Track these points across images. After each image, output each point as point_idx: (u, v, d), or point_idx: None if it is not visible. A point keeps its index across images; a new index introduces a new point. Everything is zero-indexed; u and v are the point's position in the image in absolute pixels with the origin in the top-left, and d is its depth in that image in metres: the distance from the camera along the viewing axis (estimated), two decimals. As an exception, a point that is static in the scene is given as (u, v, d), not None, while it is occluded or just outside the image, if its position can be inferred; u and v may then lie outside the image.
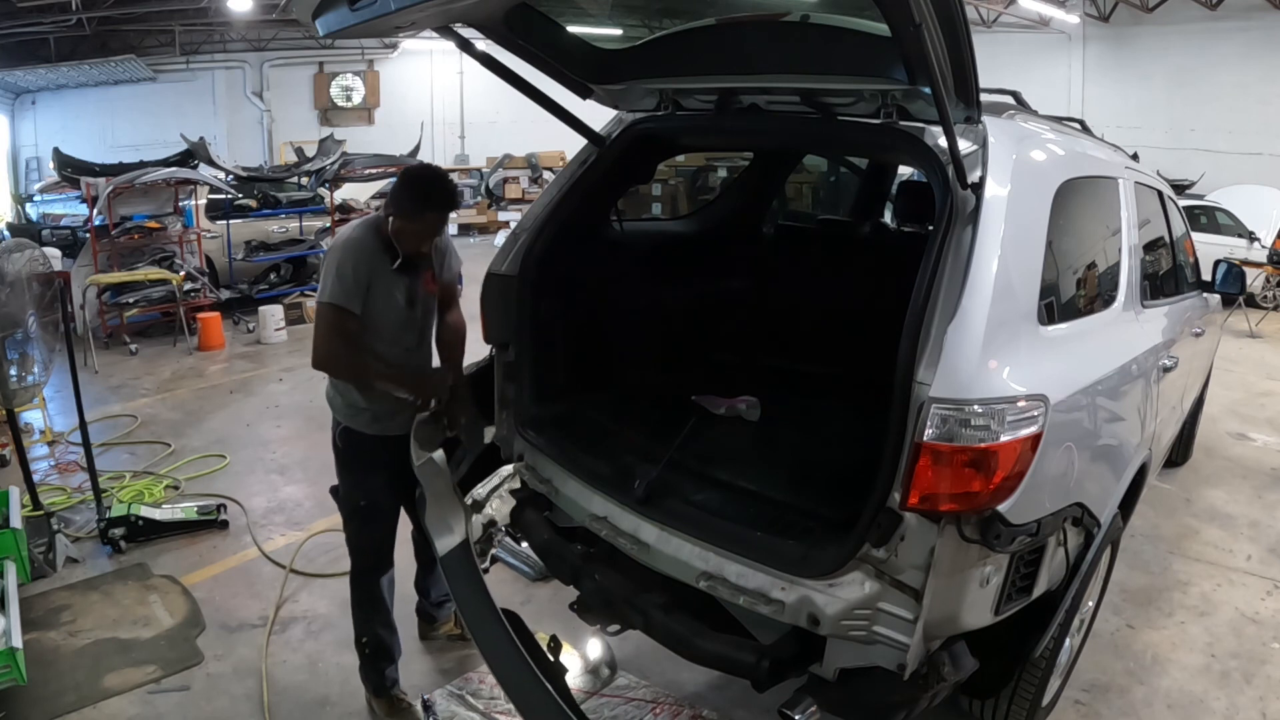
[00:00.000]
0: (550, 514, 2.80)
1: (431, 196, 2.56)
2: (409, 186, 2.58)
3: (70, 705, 2.86)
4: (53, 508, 4.21)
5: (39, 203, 11.65)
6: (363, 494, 2.77)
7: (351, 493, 2.79)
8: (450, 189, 2.62)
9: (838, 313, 3.52)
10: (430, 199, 2.55)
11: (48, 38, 13.51)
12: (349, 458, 2.77)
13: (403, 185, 2.60)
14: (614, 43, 2.76)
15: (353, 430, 2.72)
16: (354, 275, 2.50)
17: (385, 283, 2.59)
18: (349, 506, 2.81)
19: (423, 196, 2.55)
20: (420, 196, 2.55)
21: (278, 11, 12.85)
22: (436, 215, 2.58)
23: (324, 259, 2.64)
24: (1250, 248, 10.08)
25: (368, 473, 2.76)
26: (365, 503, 2.77)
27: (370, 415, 2.69)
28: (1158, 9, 13.98)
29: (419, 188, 2.58)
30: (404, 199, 2.55)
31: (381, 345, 2.63)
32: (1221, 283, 4.13)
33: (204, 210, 9.06)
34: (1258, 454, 5.51)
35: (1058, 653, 2.50)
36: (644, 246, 3.44)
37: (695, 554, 2.23)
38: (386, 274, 2.59)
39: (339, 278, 2.49)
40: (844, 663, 2.06)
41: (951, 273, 1.90)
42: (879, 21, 1.75)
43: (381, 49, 17.43)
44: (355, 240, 2.56)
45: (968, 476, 1.79)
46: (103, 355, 7.48)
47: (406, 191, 2.57)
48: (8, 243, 4.16)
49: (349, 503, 2.80)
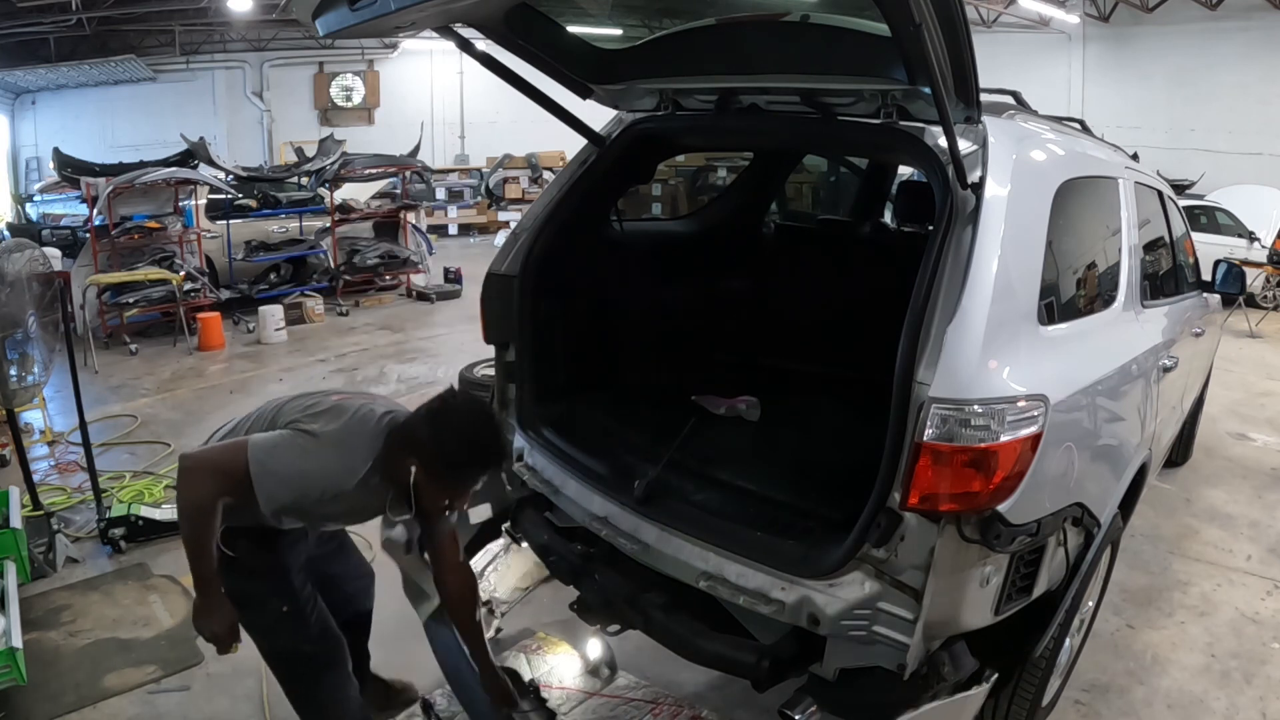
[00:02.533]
0: (550, 514, 2.80)
1: (486, 455, 2.05)
2: (457, 437, 2.00)
3: (70, 705, 2.86)
4: (53, 508, 4.21)
5: (39, 203, 11.64)
6: (279, 598, 2.23)
7: (264, 602, 2.21)
8: (503, 444, 2.13)
9: (838, 313, 3.52)
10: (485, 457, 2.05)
11: (48, 38, 13.50)
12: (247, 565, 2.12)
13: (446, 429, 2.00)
14: (614, 43, 2.76)
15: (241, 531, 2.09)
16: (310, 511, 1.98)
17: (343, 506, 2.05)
18: (266, 618, 2.22)
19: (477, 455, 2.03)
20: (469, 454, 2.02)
21: (278, 11, 12.85)
22: (483, 475, 2.09)
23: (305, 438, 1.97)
24: (1250, 248, 10.08)
25: (277, 573, 2.22)
26: (289, 607, 2.24)
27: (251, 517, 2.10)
28: (1158, 9, 13.97)
29: (470, 440, 2.02)
30: (437, 457, 1.99)
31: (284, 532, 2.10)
32: (1221, 283, 4.13)
33: (204, 210, 9.05)
34: (1258, 454, 5.51)
35: (1058, 653, 2.49)
36: (644, 246, 3.44)
37: (695, 554, 2.23)
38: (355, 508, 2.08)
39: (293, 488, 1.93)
40: (844, 663, 2.07)
41: (951, 273, 1.90)
42: (879, 21, 1.75)
43: (381, 49, 17.42)
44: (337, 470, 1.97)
45: (968, 476, 1.79)
46: (103, 355, 7.48)
47: (451, 441, 1.99)
48: (8, 243, 4.16)
49: (265, 614, 2.21)
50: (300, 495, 1.97)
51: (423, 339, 8.28)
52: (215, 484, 1.93)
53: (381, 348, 7.91)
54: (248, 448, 1.94)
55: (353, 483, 2.00)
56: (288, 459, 1.95)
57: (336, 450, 1.98)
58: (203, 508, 1.93)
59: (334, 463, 1.98)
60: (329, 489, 1.98)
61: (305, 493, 1.97)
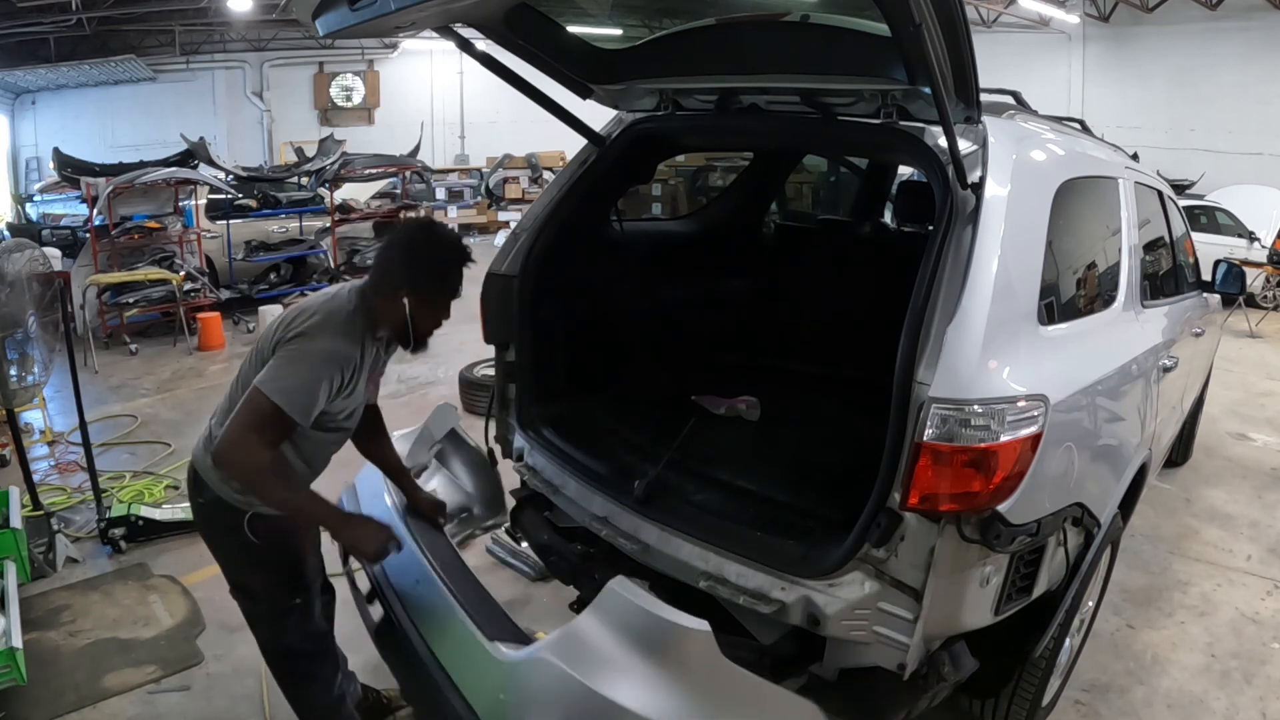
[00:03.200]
0: (550, 514, 2.80)
1: (456, 252, 2.17)
2: (425, 249, 2.14)
3: (70, 705, 2.86)
4: (53, 508, 4.21)
5: (39, 203, 11.65)
6: (293, 590, 2.26)
7: (277, 593, 2.25)
8: (461, 240, 2.25)
9: (838, 313, 3.52)
10: (457, 254, 2.17)
11: (48, 38, 13.51)
12: (267, 552, 2.18)
13: (415, 251, 2.13)
14: (614, 43, 2.76)
15: (265, 517, 2.14)
16: (324, 391, 2.01)
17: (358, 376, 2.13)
18: (276, 610, 2.27)
19: (445, 261, 2.15)
20: (441, 262, 2.14)
21: (278, 11, 12.85)
22: (460, 274, 2.19)
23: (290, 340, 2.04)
24: (1250, 248, 10.08)
25: (294, 562, 2.26)
26: (300, 599, 2.28)
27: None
28: (1158, 9, 13.98)
29: (435, 255, 2.15)
30: (419, 271, 2.11)
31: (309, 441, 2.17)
32: (1221, 283, 4.13)
33: (204, 210, 9.06)
34: (1258, 454, 5.51)
35: (1058, 653, 2.50)
36: (644, 246, 3.44)
37: (695, 554, 2.23)
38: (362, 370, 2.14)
39: (304, 387, 1.97)
40: (844, 663, 2.07)
41: (951, 273, 1.90)
42: (879, 21, 1.75)
43: (381, 49, 17.43)
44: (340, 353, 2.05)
45: (968, 476, 1.79)
46: (103, 355, 7.48)
47: (422, 262, 2.12)
48: (8, 243, 4.16)
49: (276, 606, 2.26)
50: (326, 388, 2.02)
51: (423, 339, 8.26)
52: (259, 441, 1.95)
53: (381, 348, 7.90)
54: (259, 389, 1.96)
55: (357, 348, 2.09)
56: (297, 369, 2.00)
57: (328, 332, 2.06)
58: (264, 468, 1.96)
59: (333, 342, 2.05)
60: (344, 365, 2.05)
61: (330, 382, 2.02)
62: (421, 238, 2.17)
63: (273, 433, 1.97)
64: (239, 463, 1.96)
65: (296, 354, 2.01)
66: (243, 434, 1.95)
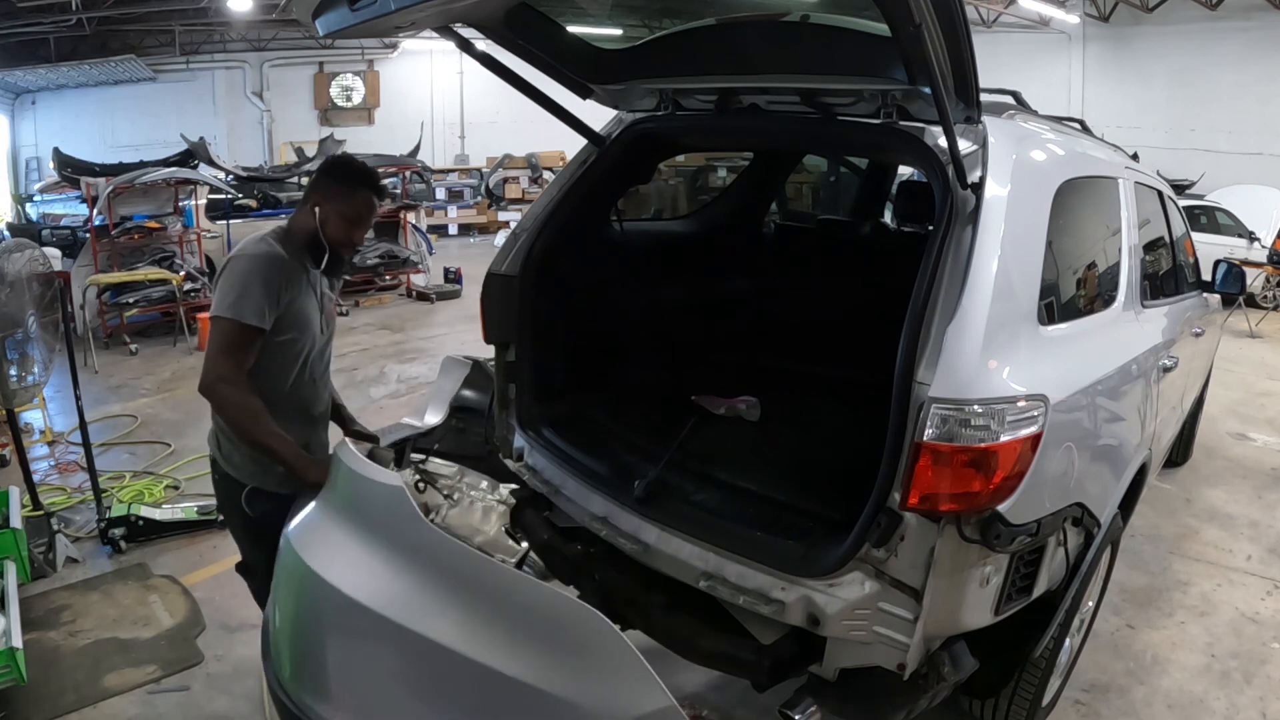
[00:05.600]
0: (550, 514, 2.80)
1: (363, 174, 2.36)
2: (335, 168, 2.39)
3: (70, 705, 2.86)
4: (53, 508, 4.21)
5: (39, 203, 11.66)
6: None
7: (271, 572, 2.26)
8: (376, 172, 2.44)
9: (838, 313, 3.52)
10: (362, 175, 2.35)
11: (48, 38, 13.51)
12: (264, 528, 2.27)
13: (327, 170, 2.40)
14: (614, 43, 2.76)
15: (264, 492, 2.29)
16: (265, 290, 2.15)
17: (301, 299, 2.28)
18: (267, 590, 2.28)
19: (354, 174, 2.35)
20: (350, 174, 2.35)
21: (278, 11, 12.83)
22: (369, 195, 2.35)
23: (220, 275, 2.22)
24: (1250, 248, 10.08)
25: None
26: None
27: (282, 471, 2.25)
28: (1158, 9, 13.98)
29: (346, 167, 2.39)
30: (331, 180, 2.33)
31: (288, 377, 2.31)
32: (1221, 283, 4.13)
33: (204, 210, 9.06)
34: (1258, 454, 5.51)
35: (1058, 653, 2.50)
36: (644, 246, 3.44)
37: (695, 554, 2.23)
38: (303, 286, 2.30)
39: (245, 292, 2.12)
40: (844, 663, 2.07)
41: (951, 273, 1.90)
42: (879, 21, 1.75)
43: (381, 49, 17.43)
44: (265, 254, 2.21)
45: (968, 476, 1.79)
46: (103, 355, 7.48)
47: (333, 173, 2.36)
48: (8, 243, 4.17)
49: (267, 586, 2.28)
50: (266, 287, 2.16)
51: (423, 339, 8.28)
52: (229, 363, 2.14)
53: (381, 348, 7.91)
54: (211, 317, 2.18)
55: (282, 254, 2.24)
56: (231, 282, 2.16)
57: (249, 250, 2.23)
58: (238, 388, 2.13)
59: (255, 252, 2.21)
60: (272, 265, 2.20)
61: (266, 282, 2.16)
62: (335, 160, 2.45)
63: (239, 349, 2.15)
64: (212, 386, 2.15)
65: (228, 275, 2.19)
66: (214, 359, 2.14)
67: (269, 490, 2.30)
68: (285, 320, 2.23)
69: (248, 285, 2.14)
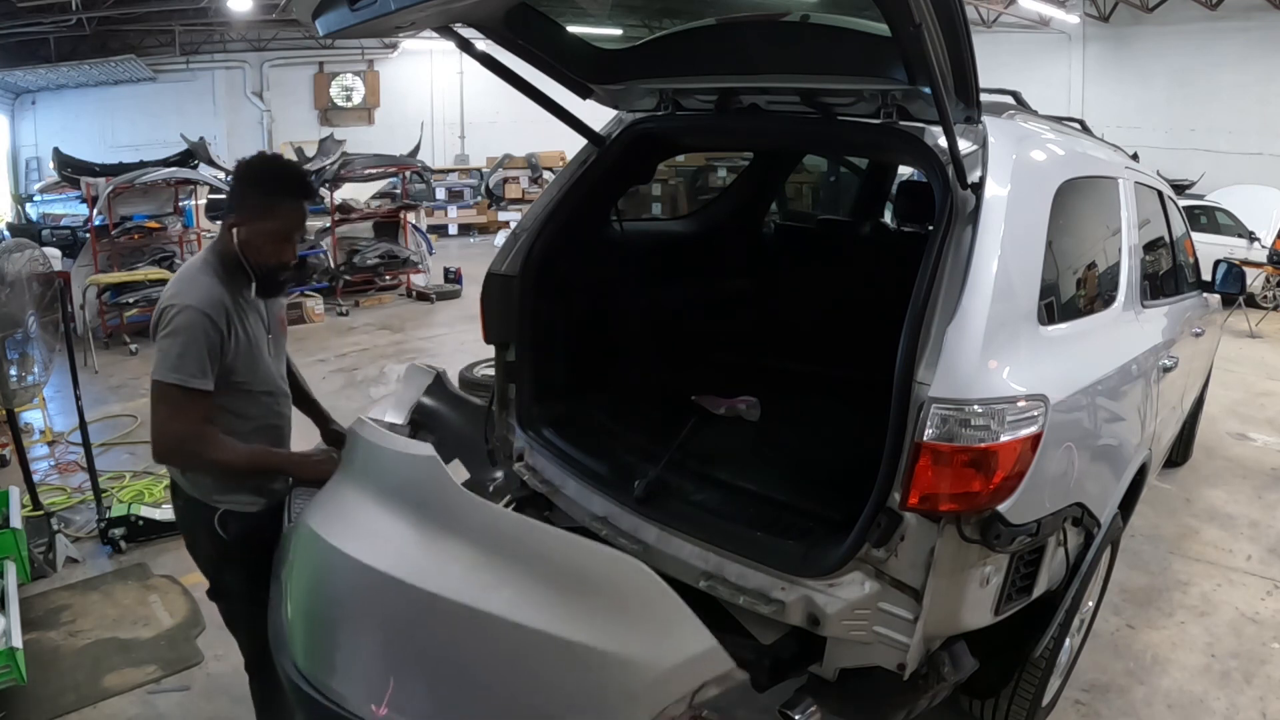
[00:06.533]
0: (550, 514, 2.80)
1: (282, 179, 2.09)
2: (250, 179, 2.09)
3: (70, 705, 2.86)
4: (53, 508, 4.21)
5: (39, 203, 11.66)
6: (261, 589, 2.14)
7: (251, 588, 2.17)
8: (300, 171, 2.20)
9: (838, 313, 3.52)
10: (282, 182, 2.09)
11: (48, 38, 13.49)
12: (237, 549, 2.17)
13: (242, 181, 2.10)
14: (614, 43, 2.76)
15: (236, 514, 2.16)
16: (207, 345, 1.98)
17: (245, 333, 2.09)
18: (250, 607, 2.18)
19: (272, 182, 2.08)
20: (268, 184, 2.07)
21: (278, 11, 12.82)
22: (294, 204, 2.09)
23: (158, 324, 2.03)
24: (1250, 248, 10.07)
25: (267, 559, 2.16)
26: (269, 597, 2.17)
27: (252, 487, 2.18)
28: (1158, 9, 13.97)
29: (264, 175, 2.10)
30: (249, 195, 2.06)
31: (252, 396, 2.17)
32: (1221, 283, 4.13)
33: (204, 210, 9.06)
34: (1258, 454, 5.51)
35: (1058, 653, 2.50)
36: (644, 246, 3.44)
37: (695, 554, 2.23)
38: (246, 315, 2.10)
39: (185, 350, 1.96)
40: (844, 663, 2.07)
41: (951, 273, 1.90)
42: (879, 21, 1.75)
43: (381, 49, 17.41)
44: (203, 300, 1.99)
45: (968, 476, 1.79)
46: (103, 355, 7.47)
47: (250, 185, 2.08)
48: (8, 243, 4.17)
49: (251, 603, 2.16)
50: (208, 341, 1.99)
51: (423, 339, 8.28)
52: (182, 426, 2.00)
53: (381, 348, 7.90)
54: (153, 382, 2.00)
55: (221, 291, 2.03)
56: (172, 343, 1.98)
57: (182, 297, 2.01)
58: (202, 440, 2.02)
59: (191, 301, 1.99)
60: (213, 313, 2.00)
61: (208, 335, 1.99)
62: (249, 165, 2.12)
63: (189, 411, 1.99)
64: (176, 451, 2.05)
65: (167, 332, 2.00)
66: (165, 425, 2.00)
67: (239, 511, 2.16)
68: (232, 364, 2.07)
69: (187, 345, 1.96)
